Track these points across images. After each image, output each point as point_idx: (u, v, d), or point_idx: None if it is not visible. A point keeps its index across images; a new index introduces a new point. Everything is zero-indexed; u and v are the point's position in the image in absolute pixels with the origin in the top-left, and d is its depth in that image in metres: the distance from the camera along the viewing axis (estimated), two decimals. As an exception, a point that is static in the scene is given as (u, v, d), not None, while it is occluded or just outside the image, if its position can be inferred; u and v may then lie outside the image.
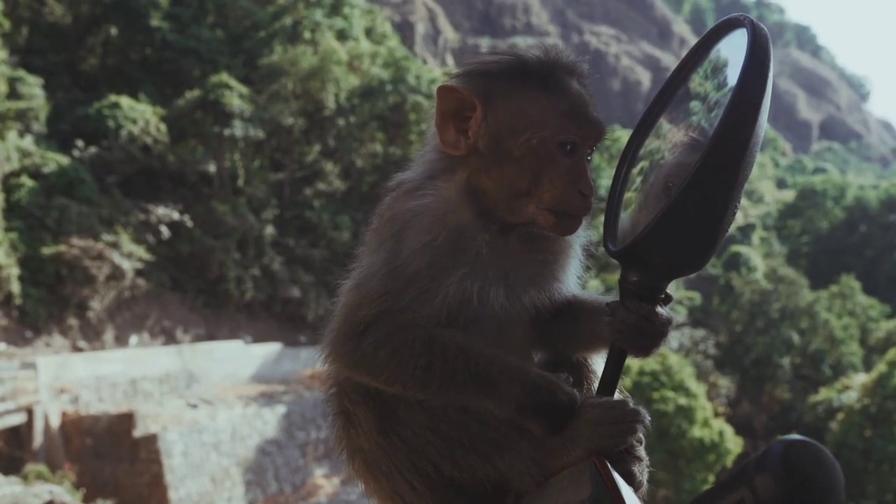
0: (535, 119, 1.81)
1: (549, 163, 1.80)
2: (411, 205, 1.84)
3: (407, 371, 1.73)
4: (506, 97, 1.84)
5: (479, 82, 1.86)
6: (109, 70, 49.22)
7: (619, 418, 1.70)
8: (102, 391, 29.86)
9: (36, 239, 37.35)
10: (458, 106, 1.85)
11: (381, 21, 66.33)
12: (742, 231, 70.20)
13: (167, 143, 44.96)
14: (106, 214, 40.24)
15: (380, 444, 1.81)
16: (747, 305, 52.02)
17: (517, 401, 1.71)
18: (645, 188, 1.81)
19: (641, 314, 1.72)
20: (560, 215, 1.81)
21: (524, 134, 1.80)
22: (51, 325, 36.87)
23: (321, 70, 48.58)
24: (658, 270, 1.72)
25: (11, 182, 37.69)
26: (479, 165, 1.85)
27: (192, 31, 50.56)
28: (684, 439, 36.31)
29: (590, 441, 1.68)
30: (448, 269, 1.78)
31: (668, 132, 1.82)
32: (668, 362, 38.17)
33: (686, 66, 1.83)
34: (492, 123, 1.84)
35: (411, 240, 1.79)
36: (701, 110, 1.75)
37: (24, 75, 40.06)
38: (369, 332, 1.76)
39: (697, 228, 1.65)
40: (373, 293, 1.78)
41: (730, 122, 1.58)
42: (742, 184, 1.65)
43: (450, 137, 1.87)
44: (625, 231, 1.79)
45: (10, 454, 25.45)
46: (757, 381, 49.52)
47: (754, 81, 1.60)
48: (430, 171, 1.92)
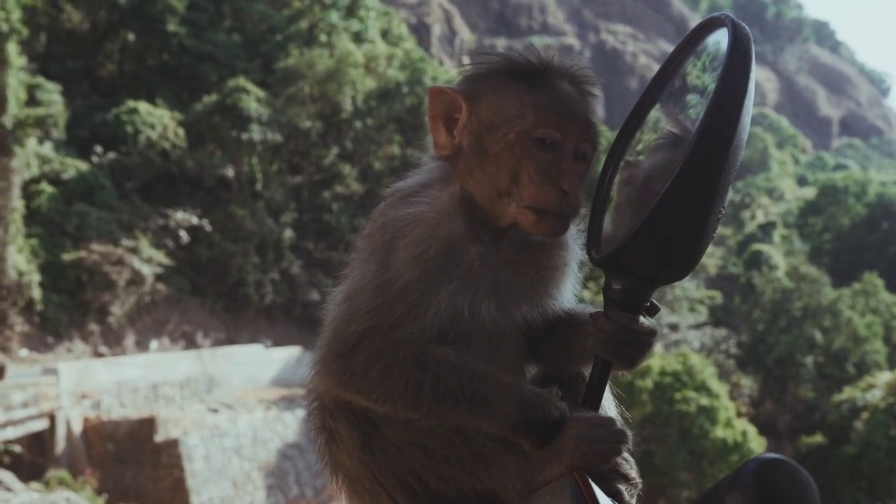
0: (513, 113, 1.79)
1: (528, 159, 1.78)
2: (403, 213, 1.82)
3: (398, 390, 1.70)
4: (488, 94, 1.84)
5: (467, 83, 1.88)
6: (127, 76, 49.39)
7: (603, 437, 1.67)
8: (124, 396, 29.93)
9: (56, 245, 37.52)
10: (446, 107, 1.87)
11: (397, 23, 66.24)
12: (763, 229, 69.69)
13: (185, 147, 45.07)
14: (125, 220, 40.38)
15: (363, 460, 1.78)
16: (769, 304, 51.72)
17: (511, 419, 1.69)
18: (629, 193, 1.78)
19: (622, 324, 1.70)
20: (540, 213, 1.77)
21: (501, 129, 1.79)
22: (72, 330, 37.02)
23: (338, 73, 48.57)
24: (641, 278, 1.69)
25: (31, 189, 37.88)
26: (466, 166, 1.84)
27: (208, 36, 50.65)
28: (707, 440, 36.24)
29: (572, 457, 1.66)
30: (439, 282, 1.75)
31: (652, 135, 1.79)
32: (690, 362, 38.07)
33: (669, 68, 1.80)
34: (475, 121, 1.84)
35: (402, 251, 1.76)
36: (684, 113, 1.72)
37: (43, 82, 40.24)
38: (359, 349, 1.72)
39: (680, 235, 1.61)
40: (362, 308, 1.75)
41: (710, 126, 1.55)
42: (726, 188, 1.61)
43: (439, 139, 1.88)
44: (608, 238, 1.76)
45: (33, 460, 25.50)
46: (780, 381, 49.26)
47: (734, 84, 1.56)
48: (426, 180, 1.91)
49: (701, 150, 1.55)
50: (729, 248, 70.90)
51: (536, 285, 1.90)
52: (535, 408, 1.71)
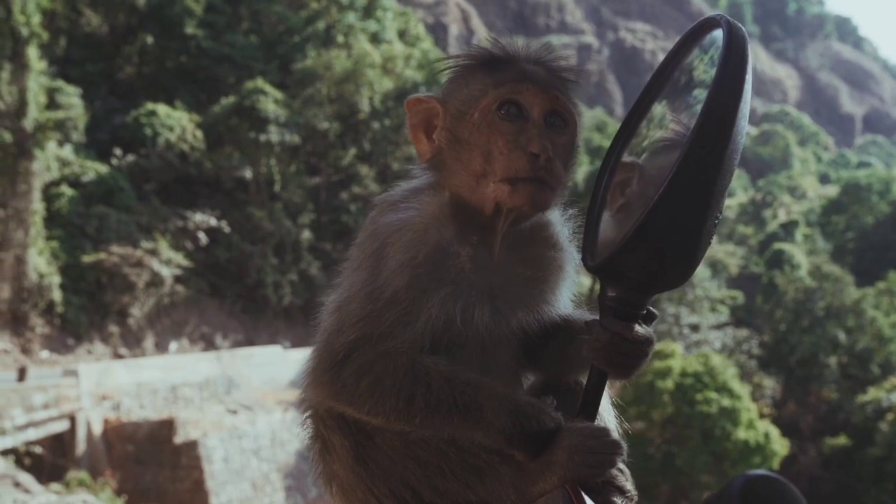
0: (476, 93, 1.80)
1: (494, 133, 1.77)
2: (392, 219, 1.80)
3: (390, 403, 1.67)
4: (456, 88, 1.85)
5: (442, 88, 1.89)
6: (146, 78, 49.66)
7: (597, 448, 1.64)
8: (143, 398, 29.99)
9: (76, 247, 37.74)
10: (425, 115, 1.87)
11: (415, 23, 66.21)
12: (785, 228, 69.21)
13: (203, 149, 45.25)
14: (144, 222, 40.57)
15: (356, 471, 1.76)
16: (791, 304, 51.43)
17: (505, 431, 1.66)
18: (626, 198, 1.75)
19: (618, 332, 1.66)
20: (513, 182, 1.74)
21: (468, 113, 1.80)
22: (92, 332, 37.21)
23: (355, 73, 48.59)
24: (637, 285, 1.66)
25: (52, 191, 38.12)
26: (447, 165, 1.84)
27: (226, 38, 50.89)
28: (729, 441, 36.08)
29: (565, 469, 1.63)
30: (429, 288, 1.73)
31: (649, 139, 1.76)
32: (711, 363, 37.87)
33: (664, 72, 1.77)
34: (447, 118, 1.84)
35: (391, 258, 1.74)
36: (680, 117, 1.70)
37: (63, 85, 40.53)
38: (349, 361, 1.70)
39: (675, 241, 1.59)
40: (352, 317, 1.73)
41: (704, 130, 1.53)
42: (722, 193, 1.58)
43: (422, 148, 1.87)
44: (604, 244, 1.73)
45: (54, 461, 25.59)
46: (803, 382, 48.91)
47: (729, 87, 1.54)
48: (415, 187, 1.90)
49: (695, 154, 1.53)
50: (750, 247, 70.48)
51: (531, 289, 1.88)
52: (530, 418, 1.67)
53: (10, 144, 34.39)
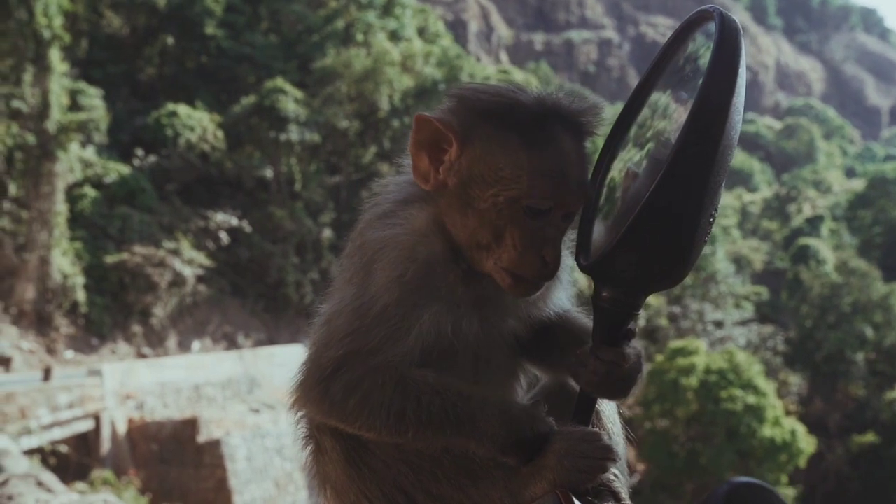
0: (507, 175, 1.69)
1: (514, 223, 1.70)
2: (380, 235, 1.76)
3: (380, 419, 1.65)
4: (484, 141, 1.72)
5: (461, 117, 1.74)
6: (166, 79, 49.95)
7: (587, 453, 1.61)
8: (167, 397, 30.16)
9: (99, 248, 38.00)
10: (434, 138, 1.75)
11: (434, 20, 66.15)
12: (810, 223, 68.58)
13: (224, 149, 45.44)
14: (166, 222, 40.80)
15: (348, 473, 1.74)
16: (817, 300, 51.03)
17: (499, 441, 1.64)
18: (620, 196, 1.72)
19: (612, 361, 1.66)
20: (517, 278, 1.71)
21: (492, 188, 1.70)
22: (116, 332, 37.46)
23: (374, 72, 48.56)
24: (631, 286, 1.65)
25: (75, 192, 38.41)
26: (447, 204, 1.76)
27: (246, 38, 51.07)
28: (754, 439, 36.04)
29: (555, 474, 1.62)
30: (419, 305, 1.69)
31: (644, 135, 1.73)
32: (736, 360, 37.76)
33: (659, 65, 1.74)
34: (464, 165, 1.74)
35: (379, 274, 1.71)
36: (674, 111, 1.67)
37: (85, 87, 40.81)
38: (337, 376, 1.67)
39: (668, 240, 1.57)
40: (340, 332, 1.70)
41: (695, 126, 1.50)
42: (715, 190, 1.56)
43: (422, 168, 1.77)
44: (598, 244, 1.72)
45: (79, 460, 25.78)
46: (829, 378, 48.51)
47: (720, 81, 1.51)
48: (406, 194, 1.83)
49: (686, 151, 1.50)
50: (775, 242, 69.98)
51: (522, 301, 1.84)
52: (523, 427, 1.65)
53: (34, 146, 34.67)
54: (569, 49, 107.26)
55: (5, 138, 34.00)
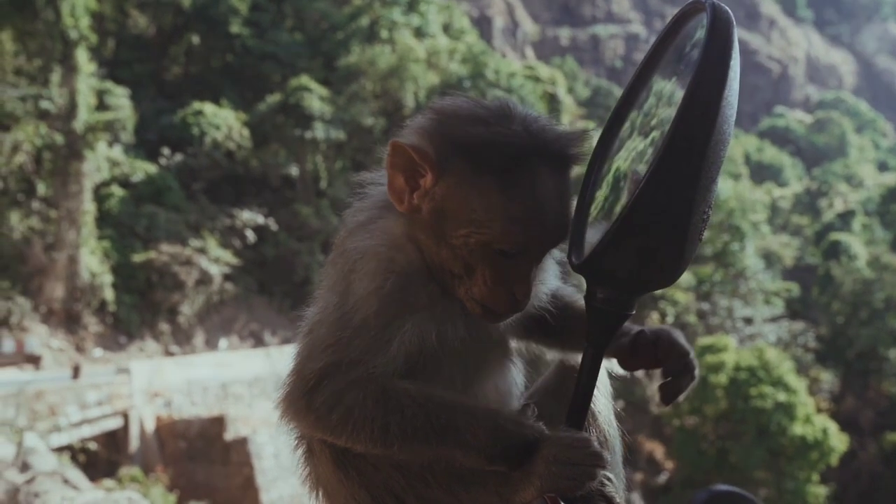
0: (480, 218, 1.66)
1: (484, 262, 1.68)
2: (358, 245, 1.75)
3: (365, 433, 1.63)
4: (459, 177, 1.68)
5: (438, 147, 1.70)
6: (192, 78, 50.29)
7: (576, 459, 1.59)
8: (194, 395, 30.34)
9: (127, 246, 38.31)
10: (409, 164, 1.72)
11: (459, 16, 66.02)
12: (842, 218, 67.72)
13: (250, 148, 45.62)
14: (193, 220, 41.04)
15: (338, 476, 1.73)
16: (849, 296, 50.51)
17: (486, 450, 1.62)
18: (614, 193, 1.70)
19: None
20: (486, 310, 1.71)
21: (464, 228, 1.67)
22: (143, 330, 37.75)
23: (399, 69, 48.52)
24: (624, 285, 1.62)
25: (102, 191, 38.77)
26: (421, 228, 1.73)
27: (271, 36, 51.26)
28: (785, 437, 35.85)
29: (542, 480, 1.60)
30: (399, 315, 1.68)
31: (648, 123, 1.69)
32: (766, 357, 37.57)
33: (654, 57, 1.73)
34: (438, 196, 1.70)
35: (358, 285, 1.70)
36: (667, 109, 1.63)
37: (112, 87, 41.13)
38: (320, 389, 1.65)
39: (660, 238, 1.54)
40: (321, 343, 1.69)
41: (685, 121, 1.47)
42: (708, 186, 1.52)
43: (397, 188, 1.74)
44: (590, 242, 1.68)
45: (109, 458, 26.01)
46: (861, 375, 48.01)
47: (711, 75, 1.48)
48: (384, 202, 1.82)
49: (676, 146, 1.47)
50: (806, 237, 69.29)
51: None
52: (511, 435, 1.63)
53: (62, 146, 35.03)
54: (595, 44, 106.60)
55: (34, 138, 34.36)
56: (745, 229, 48.63)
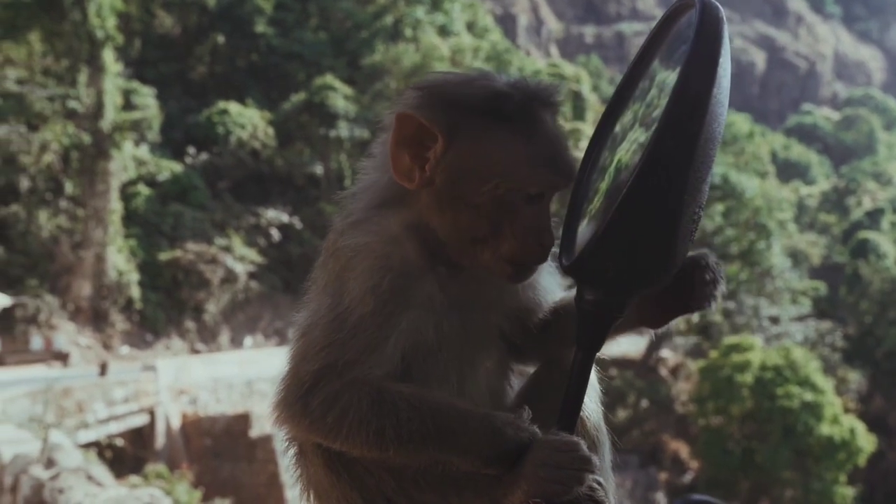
0: (505, 168, 1.65)
1: (512, 213, 1.66)
2: (352, 242, 1.69)
3: (360, 437, 1.58)
4: (472, 135, 1.68)
5: (443, 112, 1.69)
6: (218, 77, 50.53)
7: (564, 464, 1.55)
8: (219, 392, 30.50)
9: (153, 245, 38.60)
10: (416, 135, 1.68)
11: (483, 14, 65.94)
12: (870, 216, 66.99)
13: (275, 146, 45.82)
14: (218, 219, 41.27)
15: (329, 478, 1.69)
16: (878, 294, 49.98)
17: (483, 454, 1.59)
18: (605, 193, 1.66)
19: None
20: (518, 266, 1.69)
21: (490, 182, 1.65)
22: (169, 328, 38.03)
23: (423, 67, 48.43)
24: (614, 287, 1.59)
25: (129, 190, 39.07)
26: (433, 203, 1.71)
27: (295, 35, 51.42)
28: (812, 437, 35.56)
29: (530, 484, 1.56)
30: (395, 314, 1.63)
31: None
32: (793, 356, 37.27)
33: (645, 54, 1.70)
34: (453, 160, 1.68)
35: (353, 283, 1.65)
36: (658, 103, 1.58)
37: (138, 86, 41.46)
38: (316, 391, 1.61)
39: (649, 238, 1.51)
40: (316, 345, 1.63)
41: (672, 119, 1.45)
42: (698, 185, 1.49)
43: (403, 167, 1.70)
44: (581, 243, 1.64)
45: (135, 454, 26.20)
46: (890, 375, 47.50)
47: (699, 72, 1.46)
48: (378, 199, 1.77)
49: (663, 145, 1.45)
50: (833, 236, 68.58)
51: (502, 293, 1.80)
52: (507, 439, 1.59)
53: (89, 145, 35.35)
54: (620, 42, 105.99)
55: (62, 138, 34.69)
56: (772, 228, 48.15)
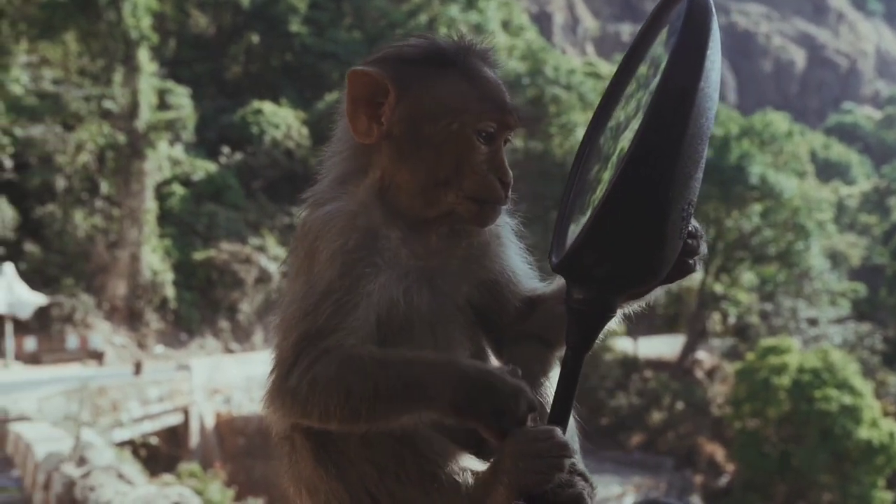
0: (457, 104, 1.76)
1: (469, 150, 1.75)
2: (320, 213, 1.76)
3: (331, 401, 1.59)
4: (423, 82, 1.79)
5: (393, 67, 1.80)
6: (252, 77, 50.82)
7: (543, 452, 1.55)
8: (253, 392, 30.64)
9: (187, 244, 38.87)
10: (369, 91, 1.79)
11: (518, 13, 65.66)
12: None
13: (309, 146, 45.91)
14: (252, 219, 41.47)
15: (318, 472, 1.72)
16: (919, 296, 48.92)
17: (451, 399, 1.57)
18: (595, 190, 1.63)
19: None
20: (481, 203, 1.75)
21: (444, 119, 1.75)
22: (203, 327, 38.27)
23: (457, 66, 48.51)
24: (602, 286, 1.56)
25: (164, 190, 39.37)
26: (394, 155, 1.79)
27: (330, 35, 51.51)
28: (850, 440, 35.27)
29: (510, 476, 1.56)
30: (364, 275, 1.68)
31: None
32: (831, 359, 36.94)
33: (637, 50, 1.68)
34: (408, 108, 1.78)
35: (323, 249, 1.69)
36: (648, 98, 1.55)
37: (173, 86, 41.76)
38: (296, 366, 1.62)
39: (635, 235, 1.49)
40: (294, 318, 1.66)
41: (656, 114, 1.43)
42: (685, 183, 1.46)
43: (361, 125, 1.80)
44: (570, 242, 1.62)
45: (169, 453, 26.39)
46: (932, 379, 46.49)
47: (684, 66, 1.43)
48: (340, 176, 1.86)
49: (648, 140, 1.42)
50: (874, 237, 67.56)
51: (472, 264, 1.86)
52: (477, 385, 1.57)
53: (124, 145, 35.68)
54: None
55: (97, 138, 35.04)
56: (811, 228, 47.44)
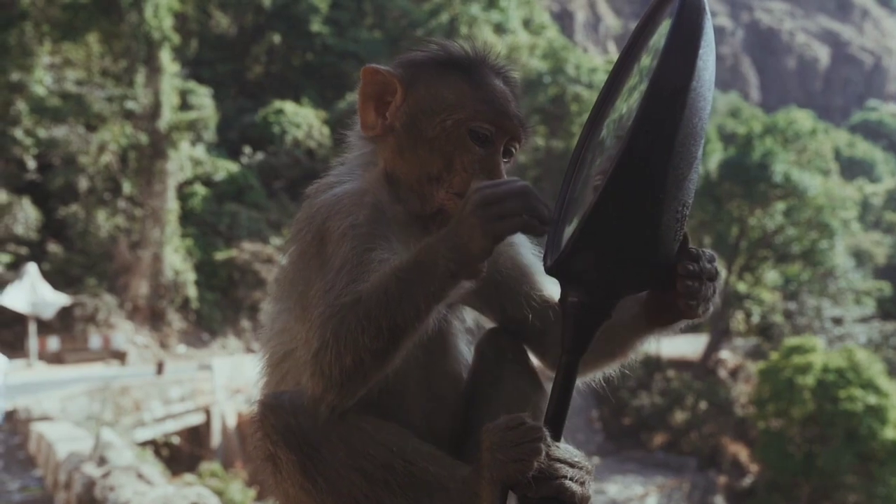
0: (452, 102, 1.83)
1: (462, 148, 1.81)
2: (329, 195, 1.81)
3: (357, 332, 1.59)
4: (427, 81, 1.88)
5: (404, 68, 1.92)
6: (273, 77, 51.00)
7: (517, 439, 1.56)
8: (274, 391, 30.70)
9: (209, 244, 39.02)
10: (380, 88, 1.91)
11: (539, 11, 65.47)
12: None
13: (330, 146, 45.99)
14: (274, 218, 41.57)
15: (304, 486, 1.72)
16: (946, 295, 48.35)
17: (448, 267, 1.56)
18: (590, 192, 1.62)
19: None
20: None
21: (440, 114, 1.83)
22: (225, 327, 38.39)
23: (478, 65, 48.41)
24: (596, 289, 1.55)
25: (186, 190, 39.54)
26: (395, 148, 1.88)
27: (351, 34, 51.60)
28: (875, 441, 35.04)
29: (492, 470, 1.58)
30: (375, 248, 1.71)
31: (616, 126, 1.66)
32: (856, 358, 36.60)
33: (632, 49, 1.68)
34: (410, 105, 1.88)
35: (334, 228, 1.74)
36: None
37: (195, 86, 41.94)
38: (319, 335, 1.64)
39: (628, 237, 1.47)
40: (317, 299, 1.67)
41: (647, 114, 1.41)
42: (679, 184, 1.45)
43: (368, 119, 1.93)
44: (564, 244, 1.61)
45: (191, 452, 26.47)
46: (960, 379, 45.84)
47: (677, 61, 1.42)
48: (348, 169, 1.95)
49: (639, 141, 1.41)
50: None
51: None
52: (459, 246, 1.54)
53: (146, 146, 35.84)
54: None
55: (119, 138, 35.24)
56: (835, 227, 46.92)
